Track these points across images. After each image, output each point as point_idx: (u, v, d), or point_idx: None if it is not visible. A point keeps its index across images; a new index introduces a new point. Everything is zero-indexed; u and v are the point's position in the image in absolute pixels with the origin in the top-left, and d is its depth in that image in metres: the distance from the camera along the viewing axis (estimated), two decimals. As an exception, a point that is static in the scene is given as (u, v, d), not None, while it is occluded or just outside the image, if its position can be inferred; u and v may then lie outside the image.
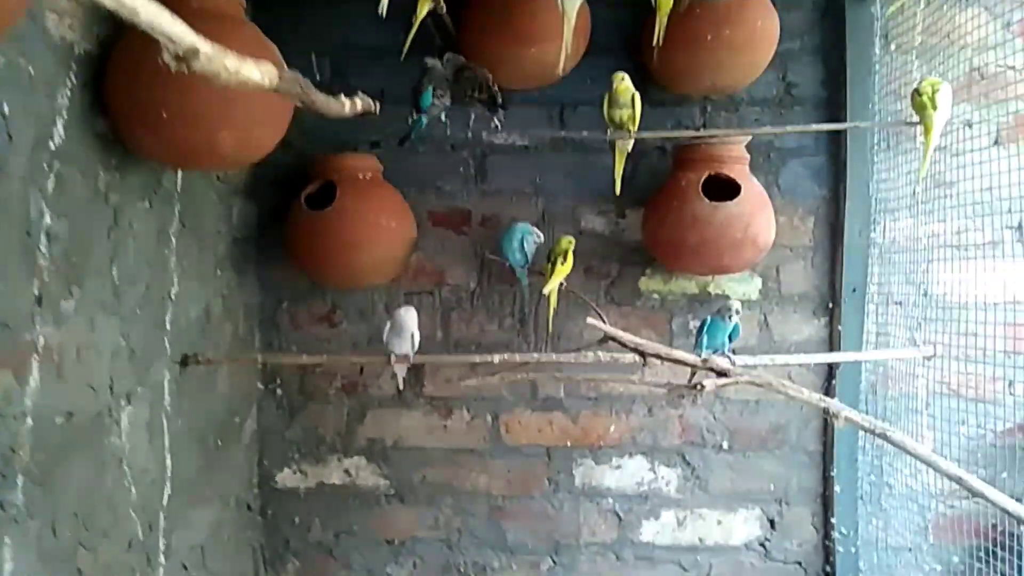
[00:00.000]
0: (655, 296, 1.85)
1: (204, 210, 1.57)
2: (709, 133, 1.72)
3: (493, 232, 1.80)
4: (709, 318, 1.49)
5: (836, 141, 1.81)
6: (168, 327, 1.41)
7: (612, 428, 1.87)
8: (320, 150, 1.69)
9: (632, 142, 1.57)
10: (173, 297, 1.43)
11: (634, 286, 1.85)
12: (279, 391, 1.87)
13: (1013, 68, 1.53)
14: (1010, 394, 1.50)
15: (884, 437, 1.26)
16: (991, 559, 1.43)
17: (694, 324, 1.85)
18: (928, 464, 1.23)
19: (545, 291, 1.61)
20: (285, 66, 0.86)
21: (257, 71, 0.77)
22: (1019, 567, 1.35)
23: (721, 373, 1.36)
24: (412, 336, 1.50)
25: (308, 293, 1.84)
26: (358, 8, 1.42)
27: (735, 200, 1.59)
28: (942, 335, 1.54)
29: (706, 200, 1.59)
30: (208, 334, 1.57)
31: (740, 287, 1.84)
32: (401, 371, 1.60)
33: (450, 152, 1.83)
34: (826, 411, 1.34)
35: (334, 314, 1.85)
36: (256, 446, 1.86)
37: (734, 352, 1.49)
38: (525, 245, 1.71)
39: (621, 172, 1.60)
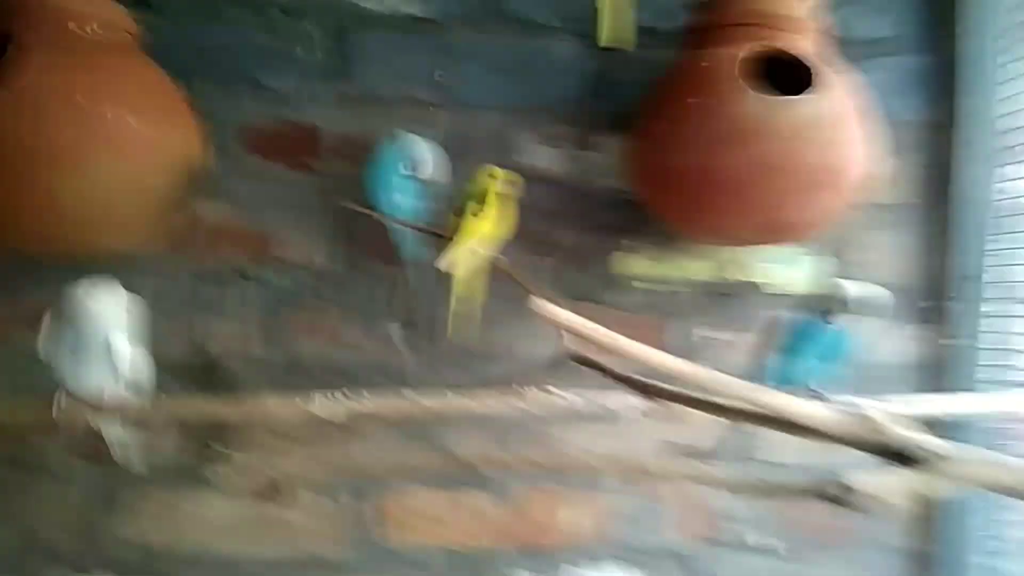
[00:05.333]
0: (638, 284, 1.08)
1: None
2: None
3: (358, 167, 0.99)
4: (786, 316, 0.73)
5: (945, 31, 1.09)
6: None
7: (565, 514, 1.07)
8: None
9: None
10: None
11: (603, 267, 1.08)
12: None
13: None
14: None
15: None
16: None
17: (702, 334, 1.08)
18: None
19: (440, 263, 0.82)
20: None
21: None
22: None
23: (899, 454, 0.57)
24: (112, 348, 0.68)
25: (9, 274, 0.99)
26: None
27: (810, 91, 0.84)
28: None
29: (752, 92, 0.83)
30: None
31: (782, 271, 1.09)
32: (112, 429, 0.77)
33: (283, 19, 1.02)
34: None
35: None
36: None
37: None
38: (411, 178, 0.92)
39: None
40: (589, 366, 0.76)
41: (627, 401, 0.76)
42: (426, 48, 1.04)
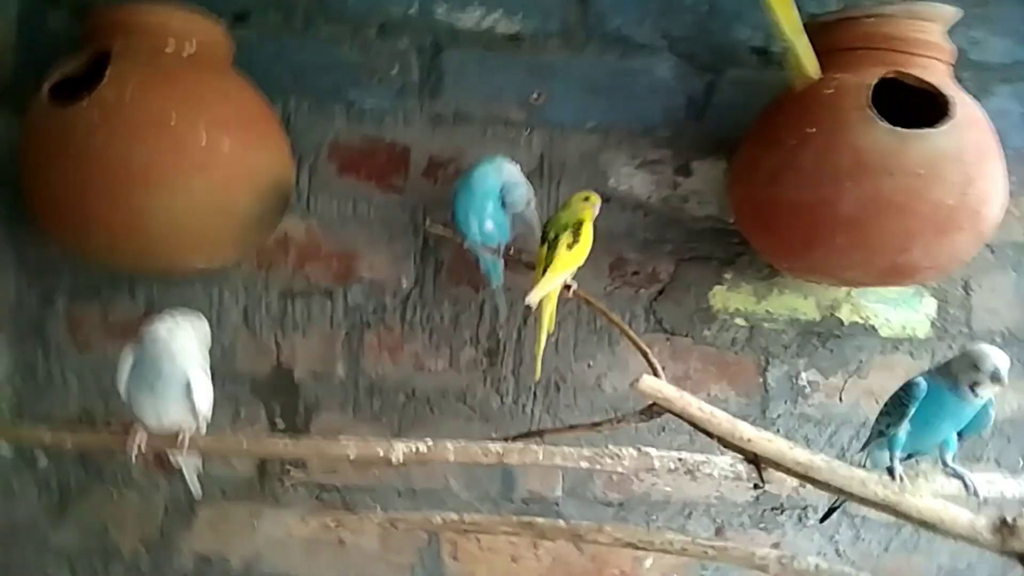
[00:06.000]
0: (739, 322, 1.01)
1: None
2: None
3: (447, 187, 0.96)
4: (925, 383, 0.65)
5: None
6: None
7: (648, 562, 1.01)
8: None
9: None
10: None
11: (700, 301, 1.01)
12: (42, 462, 1.01)
13: None
14: None
15: None
16: None
17: (810, 377, 1.00)
18: None
19: (531, 299, 0.77)
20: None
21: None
22: None
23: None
24: (192, 387, 0.66)
25: (102, 283, 1.00)
26: None
27: (944, 124, 0.76)
28: None
29: (884, 122, 0.76)
30: None
31: (898, 313, 1.00)
32: (190, 464, 0.75)
33: (378, 37, 1.00)
34: None
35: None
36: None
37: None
38: (503, 206, 0.88)
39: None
40: (693, 425, 0.70)
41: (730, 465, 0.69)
42: (520, 67, 1.00)
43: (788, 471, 0.66)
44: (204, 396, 0.69)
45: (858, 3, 0.97)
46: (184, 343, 0.67)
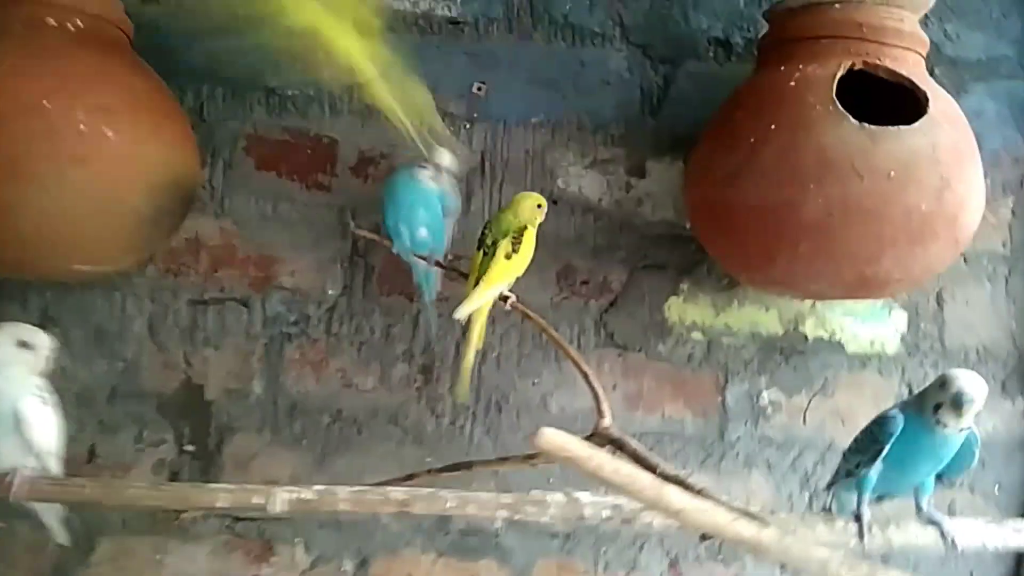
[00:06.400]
0: (696, 336, 0.93)
1: None
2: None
3: (378, 186, 0.87)
4: (900, 417, 0.57)
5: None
6: None
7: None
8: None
9: None
10: None
11: (655, 313, 0.93)
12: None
13: None
14: None
15: None
16: None
17: (772, 396, 0.92)
18: None
19: (459, 313, 0.69)
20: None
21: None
22: None
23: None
24: (22, 417, 0.56)
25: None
26: None
27: (920, 122, 0.68)
28: None
29: (852, 119, 0.68)
30: None
31: (866, 327, 0.93)
32: (47, 510, 0.65)
33: (301, 20, 0.90)
34: None
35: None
36: None
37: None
38: (426, 206, 0.79)
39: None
40: (621, 450, 0.61)
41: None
42: (462, 55, 0.91)
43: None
44: (42, 430, 0.59)
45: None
46: (7, 367, 0.57)
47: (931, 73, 0.89)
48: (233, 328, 0.90)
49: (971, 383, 0.56)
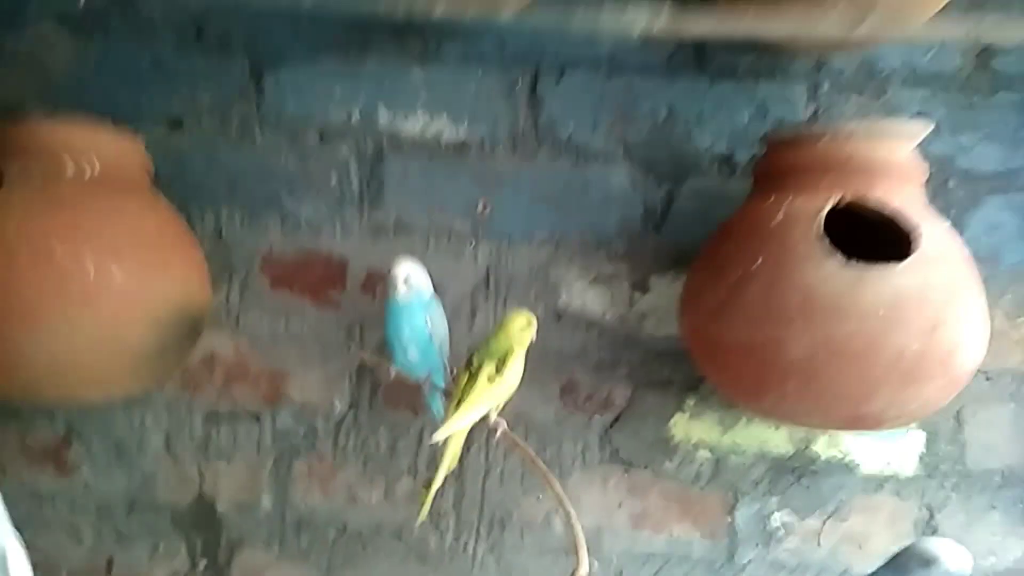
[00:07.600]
0: (703, 454, 0.91)
1: None
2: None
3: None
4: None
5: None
6: None
7: None
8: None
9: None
10: None
11: (660, 430, 0.92)
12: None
13: None
14: None
15: None
16: None
17: (783, 518, 0.90)
18: None
19: (436, 436, 0.69)
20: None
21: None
22: None
23: None
24: (4, 560, 0.58)
25: (20, 406, 0.94)
26: None
27: (910, 260, 0.67)
28: None
29: (840, 255, 0.67)
30: None
31: (881, 447, 0.90)
32: None
33: (318, 143, 0.95)
34: None
35: (67, 448, 0.94)
36: None
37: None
38: (428, 327, 0.80)
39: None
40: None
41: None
42: (467, 175, 0.94)
43: None
44: (20, 572, 0.61)
45: (832, 110, 0.90)
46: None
47: (944, 186, 0.88)
48: (244, 442, 0.93)
49: (958, 560, 0.53)
